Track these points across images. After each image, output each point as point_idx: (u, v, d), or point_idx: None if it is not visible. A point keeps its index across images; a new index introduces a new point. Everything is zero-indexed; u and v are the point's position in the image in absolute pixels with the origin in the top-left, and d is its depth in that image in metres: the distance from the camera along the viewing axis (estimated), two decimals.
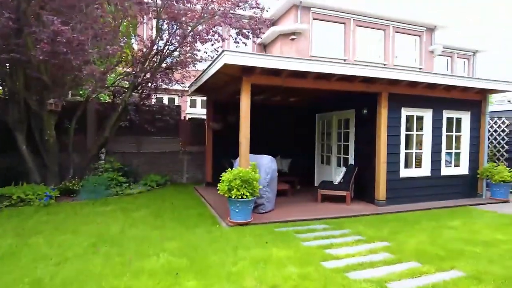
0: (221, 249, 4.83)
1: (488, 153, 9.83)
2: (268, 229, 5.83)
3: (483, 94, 8.88)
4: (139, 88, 9.73)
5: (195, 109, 16.41)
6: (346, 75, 6.89)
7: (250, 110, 6.58)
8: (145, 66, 9.51)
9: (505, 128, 10.37)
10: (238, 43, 9.74)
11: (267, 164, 6.87)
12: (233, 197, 5.80)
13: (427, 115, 8.44)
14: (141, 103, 9.91)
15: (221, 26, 9.46)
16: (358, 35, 16.13)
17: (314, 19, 15.18)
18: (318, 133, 10.83)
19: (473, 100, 8.85)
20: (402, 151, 8.12)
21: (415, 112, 8.33)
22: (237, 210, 5.92)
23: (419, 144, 8.53)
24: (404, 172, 8.19)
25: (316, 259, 4.50)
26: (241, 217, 5.97)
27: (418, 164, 8.53)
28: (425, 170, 8.47)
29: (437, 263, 4.40)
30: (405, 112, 8.13)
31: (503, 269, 4.23)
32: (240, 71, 6.47)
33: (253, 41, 11.71)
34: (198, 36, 9.18)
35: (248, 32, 9.51)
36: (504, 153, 10.39)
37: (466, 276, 4.01)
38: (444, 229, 6.09)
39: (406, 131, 8.20)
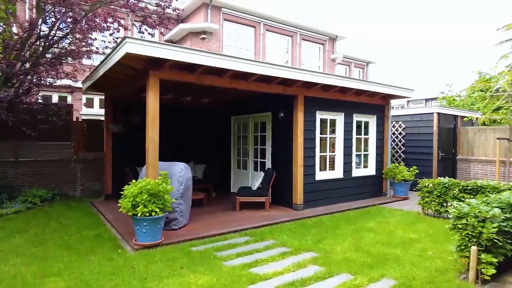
0: (124, 284, 3.83)
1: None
2: (183, 250, 4.98)
3: (387, 99, 9.52)
4: (14, 81, 7.80)
5: (92, 109, 14.34)
6: (264, 75, 6.47)
7: (159, 110, 5.64)
8: (22, 53, 7.65)
9: (402, 131, 11.38)
10: (143, 33, 8.54)
11: (180, 172, 6.00)
12: (139, 215, 4.79)
13: (339, 118, 8.62)
14: (17, 100, 7.95)
15: (123, 9, 8.16)
16: (268, 40, 16.22)
17: (224, 19, 14.70)
18: (234, 136, 10.29)
19: (378, 104, 9.41)
20: (318, 154, 8.11)
21: (328, 116, 8.42)
22: (144, 230, 4.92)
23: (332, 147, 8.67)
24: (320, 175, 8.19)
25: (243, 284, 3.87)
26: (149, 238, 4.99)
27: (332, 167, 8.65)
28: (338, 172, 8.63)
29: (367, 273, 4.19)
30: (319, 115, 8.15)
31: (425, 272, 4.23)
32: (146, 64, 5.49)
33: (161, 33, 10.59)
34: (93, 23, 7.74)
35: (155, 22, 8.38)
36: (402, 154, 11.39)
37: (398, 285, 3.86)
38: (363, 232, 6.10)
39: (320, 134, 8.22)
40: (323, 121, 8.34)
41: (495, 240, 3.90)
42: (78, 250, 4.98)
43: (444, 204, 7.12)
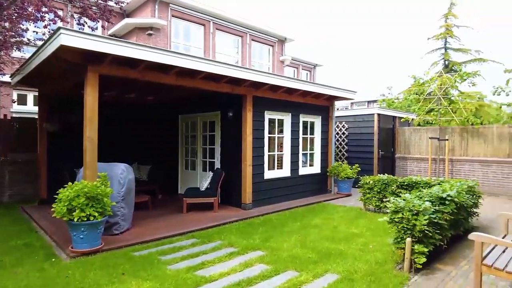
0: None
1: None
2: (125, 255, 4.72)
3: (331, 100, 9.89)
4: None
5: (25, 107, 13.13)
6: (212, 73, 6.37)
7: (99, 108, 5.29)
8: None
9: (345, 131, 11.92)
10: (83, 26, 7.97)
11: (121, 173, 5.68)
12: (75, 220, 4.44)
13: (287, 118, 8.79)
14: None
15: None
16: (218, 39, 16.09)
17: (173, 16, 14.30)
18: (182, 136, 10.02)
19: (323, 105, 9.75)
20: (266, 153, 8.19)
21: (276, 116, 8.55)
22: (82, 236, 4.58)
23: (280, 146, 8.81)
24: (268, 174, 8.28)
25: (188, 287, 3.75)
26: (87, 244, 4.65)
27: (280, 166, 8.79)
28: (286, 171, 8.78)
29: (312, 269, 4.29)
30: (268, 115, 8.24)
31: (366, 265, 4.42)
32: (84, 58, 5.11)
33: (103, 27, 9.98)
34: (24, 11, 7.06)
35: (95, 14, 7.86)
36: (345, 153, 11.92)
37: (341, 279, 3.99)
38: (309, 228, 6.25)
39: (269, 134, 8.31)
40: (271, 121, 8.45)
41: (426, 231, 4.21)
42: (2, 263, 4.49)
43: (384, 199, 7.56)
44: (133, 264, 4.38)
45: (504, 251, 3.53)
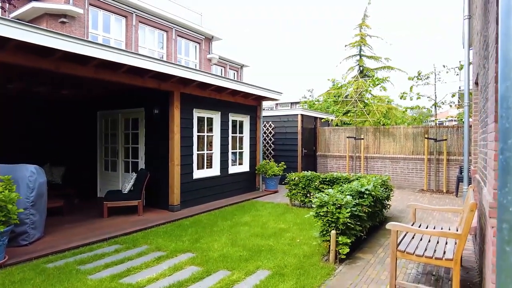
0: None
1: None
2: (36, 268, 4.17)
3: (259, 100, 10.09)
4: None
5: None
6: (136, 67, 5.98)
7: (4, 102, 4.58)
8: None
9: (271, 131, 12.27)
10: None
11: (30, 176, 5.01)
12: None
13: (216, 117, 8.71)
14: None
15: None
16: (141, 32, 15.27)
17: (91, 4, 13.15)
18: (101, 134, 9.24)
19: (252, 105, 9.89)
20: (195, 152, 8.01)
21: (206, 114, 8.41)
22: None
23: (209, 145, 8.70)
24: (197, 174, 8.10)
25: None
26: None
27: (209, 165, 8.67)
28: (215, 170, 8.70)
29: (244, 267, 4.29)
30: (196, 113, 8.05)
31: (295, 259, 4.59)
32: None
33: (3, 8, 8.71)
34: None
35: None
36: (272, 151, 12.28)
37: (272, 274, 4.06)
38: (239, 226, 6.27)
39: (198, 132, 8.14)
40: (200, 119, 8.29)
41: (348, 224, 4.52)
42: None
43: (308, 195, 7.97)
44: (47, 278, 3.88)
45: (413, 237, 3.96)
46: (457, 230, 3.95)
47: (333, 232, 4.46)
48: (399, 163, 11.33)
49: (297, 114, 11.83)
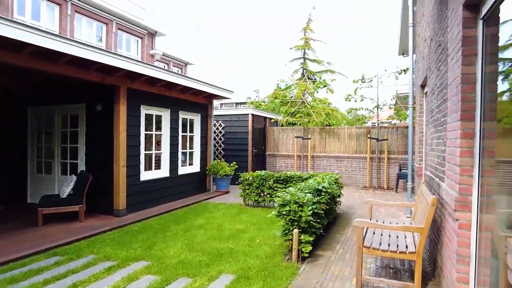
0: None
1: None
2: None
3: (210, 99, 9.80)
4: None
5: None
6: (80, 58, 5.37)
7: None
8: None
9: (222, 130, 12.04)
10: None
11: None
12: None
13: (165, 115, 8.26)
14: None
15: None
16: (77, 23, 14.02)
17: None
18: (33, 132, 8.20)
19: (203, 103, 9.58)
20: (143, 152, 7.48)
21: (154, 112, 7.92)
22: None
23: (158, 145, 8.22)
24: (145, 175, 7.59)
25: None
26: None
27: (158, 166, 8.19)
28: (164, 171, 8.24)
29: (205, 272, 4.05)
30: (144, 110, 7.54)
31: (258, 260, 4.46)
32: None
33: None
34: None
35: None
36: (222, 151, 12.04)
37: (237, 278, 3.88)
38: (194, 230, 5.97)
39: (145, 131, 7.63)
40: (148, 117, 7.78)
41: (310, 222, 4.51)
42: None
43: (262, 194, 7.90)
44: None
45: (374, 233, 4.06)
46: (410, 224, 4.15)
47: (296, 230, 4.41)
48: (343, 162, 11.82)
49: (248, 114, 11.76)
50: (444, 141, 3.36)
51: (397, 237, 3.93)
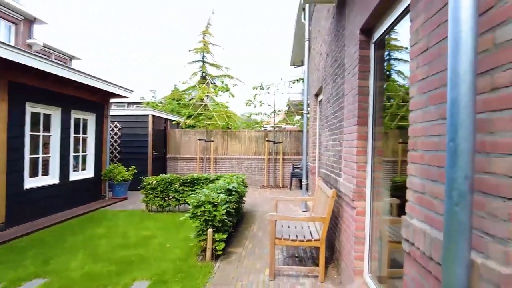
0: None
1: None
2: None
3: (107, 97, 9.09)
4: None
5: None
6: None
7: None
8: None
9: (117, 131, 11.23)
10: None
11: None
12: None
13: (56, 114, 7.37)
14: None
15: None
16: None
17: None
18: None
19: (99, 102, 8.83)
20: (27, 156, 6.54)
21: (42, 110, 7.00)
22: None
23: (45, 147, 7.28)
24: (30, 183, 6.64)
25: None
26: None
27: (45, 171, 7.24)
28: (53, 177, 7.34)
29: (118, 281, 3.85)
30: (31, 108, 6.61)
31: (172, 264, 4.43)
32: None
33: None
34: None
35: None
36: (117, 154, 11.23)
37: (153, 283, 3.81)
38: (95, 239, 5.53)
39: (31, 132, 6.68)
40: (35, 116, 6.82)
41: (224, 220, 4.69)
42: None
43: (167, 198, 7.72)
44: None
45: (282, 226, 4.48)
46: (310, 214, 4.71)
47: (210, 230, 4.53)
48: (244, 163, 12.38)
49: (148, 115, 11.28)
50: (341, 142, 3.95)
51: (302, 228, 4.42)
